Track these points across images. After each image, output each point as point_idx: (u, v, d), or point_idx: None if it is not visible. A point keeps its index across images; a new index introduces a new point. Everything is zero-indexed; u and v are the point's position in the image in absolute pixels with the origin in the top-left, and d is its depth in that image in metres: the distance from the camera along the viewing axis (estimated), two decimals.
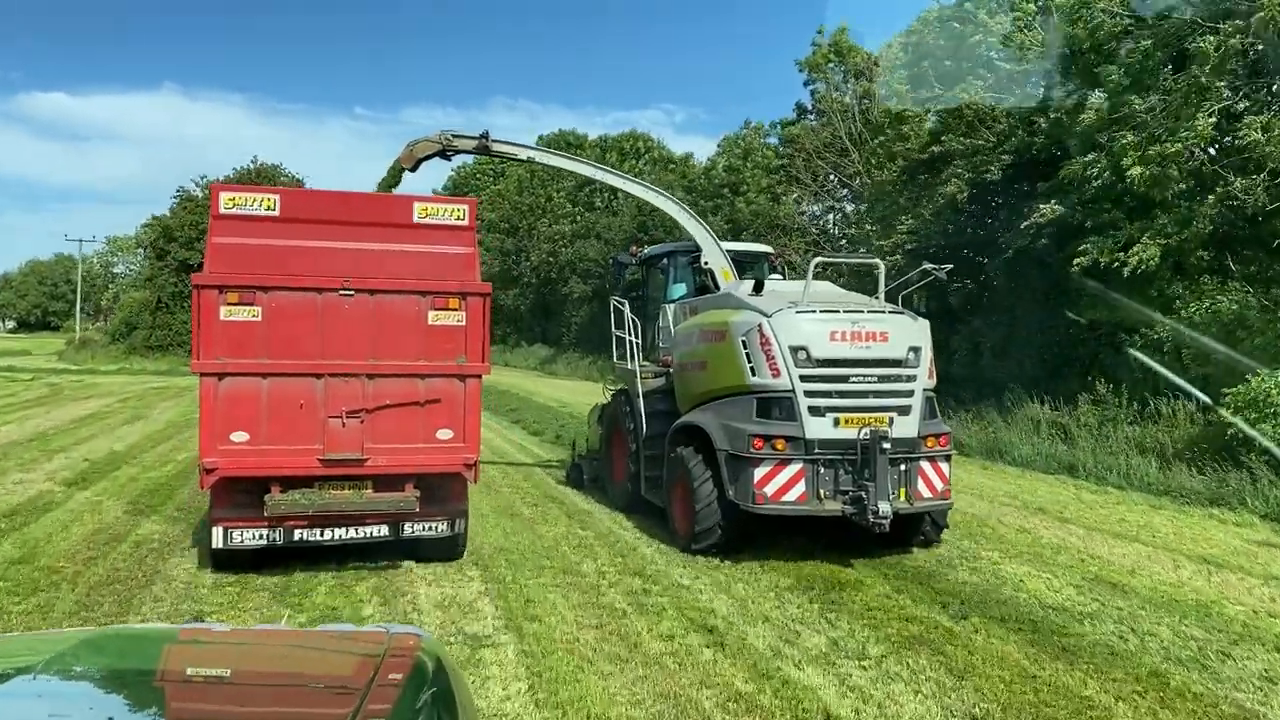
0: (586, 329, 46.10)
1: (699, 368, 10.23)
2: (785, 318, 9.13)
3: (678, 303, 11.75)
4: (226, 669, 2.48)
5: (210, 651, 2.63)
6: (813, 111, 35.15)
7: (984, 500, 12.72)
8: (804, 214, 34.39)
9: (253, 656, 2.60)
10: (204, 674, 2.45)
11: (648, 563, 9.27)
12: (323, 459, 8.24)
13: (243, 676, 2.39)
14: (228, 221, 8.25)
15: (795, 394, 8.99)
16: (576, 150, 58.00)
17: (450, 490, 8.80)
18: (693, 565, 9.17)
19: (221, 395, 8.07)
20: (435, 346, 8.47)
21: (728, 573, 8.92)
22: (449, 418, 8.52)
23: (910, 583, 8.60)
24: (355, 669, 2.34)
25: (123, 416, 22.38)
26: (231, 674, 2.43)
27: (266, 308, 8.13)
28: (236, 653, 2.64)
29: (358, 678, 2.20)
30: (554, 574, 8.77)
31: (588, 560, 9.32)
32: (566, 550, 9.74)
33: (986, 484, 14.10)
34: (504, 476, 14.28)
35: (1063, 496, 13.23)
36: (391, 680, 2.20)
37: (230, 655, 2.60)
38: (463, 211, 8.77)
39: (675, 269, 12.51)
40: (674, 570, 8.99)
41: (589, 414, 14.37)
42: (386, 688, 2.14)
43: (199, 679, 2.40)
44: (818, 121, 34.23)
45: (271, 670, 2.46)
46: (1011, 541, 10.33)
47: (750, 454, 8.93)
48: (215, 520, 8.30)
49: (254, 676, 2.40)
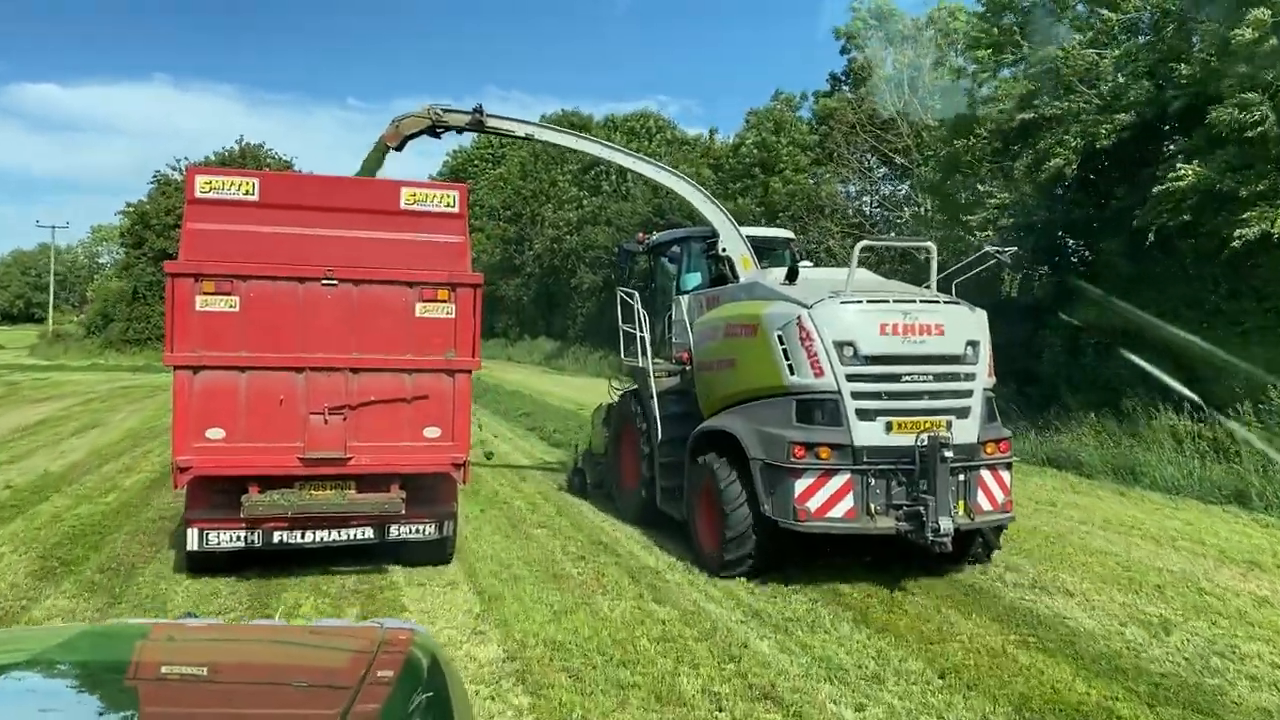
0: (595, 322, 42.99)
1: (725, 366, 9.11)
2: (828, 309, 8.07)
3: (693, 294, 10.73)
4: (218, 665, 2.44)
5: (202, 647, 2.58)
6: (847, 82, 32.93)
7: (1161, 546, 9.73)
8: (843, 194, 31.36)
9: (245, 652, 2.56)
10: (194, 670, 2.40)
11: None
12: (303, 458, 7.83)
13: (234, 672, 2.37)
14: (204, 207, 7.82)
15: (841, 395, 7.93)
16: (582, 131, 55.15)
17: (438, 491, 8.39)
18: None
19: (197, 390, 7.65)
20: (423, 340, 8.06)
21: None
22: (437, 415, 8.10)
23: None
24: (348, 665, 2.30)
25: (77, 424, 19.41)
26: (223, 670, 2.40)
27: (244, 298, 7.71)
28: (228, 648, 2.61)
29: (350, 674, 2.16)
30: None
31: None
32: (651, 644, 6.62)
33: (1141, 519, 10.95)
34: (533, 510, 11.42)
35: (1259, 540, 10.02)
36: (384, 677, 2.15)
37: (222, 651, 2.57)
38: (453, 198, 8.33)
39: (689, 257, 11.29)
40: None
41: (593, 414, 13.25)
42: (379, 684, 2.10)
43: (190, 675, 2.36)
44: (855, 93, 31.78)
45: (263, 666, 2.43)
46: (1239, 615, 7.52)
47: (790, 463, 7.86)
48: (190, 521, 7.89)
49: (246, 672, 2.37)
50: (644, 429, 10.44)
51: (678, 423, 9.95)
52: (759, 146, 33.76)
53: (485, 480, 12.99)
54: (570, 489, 12.71)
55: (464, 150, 69.27)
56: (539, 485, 13.19)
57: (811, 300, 8.20)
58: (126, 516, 10.62)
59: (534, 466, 14.94)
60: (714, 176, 34.07)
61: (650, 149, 45.83)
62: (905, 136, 27.92)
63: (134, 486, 12.44)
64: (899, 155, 28.45)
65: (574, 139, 12.77)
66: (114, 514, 10.74)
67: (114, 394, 26.57)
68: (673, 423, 10.01)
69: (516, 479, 13.63)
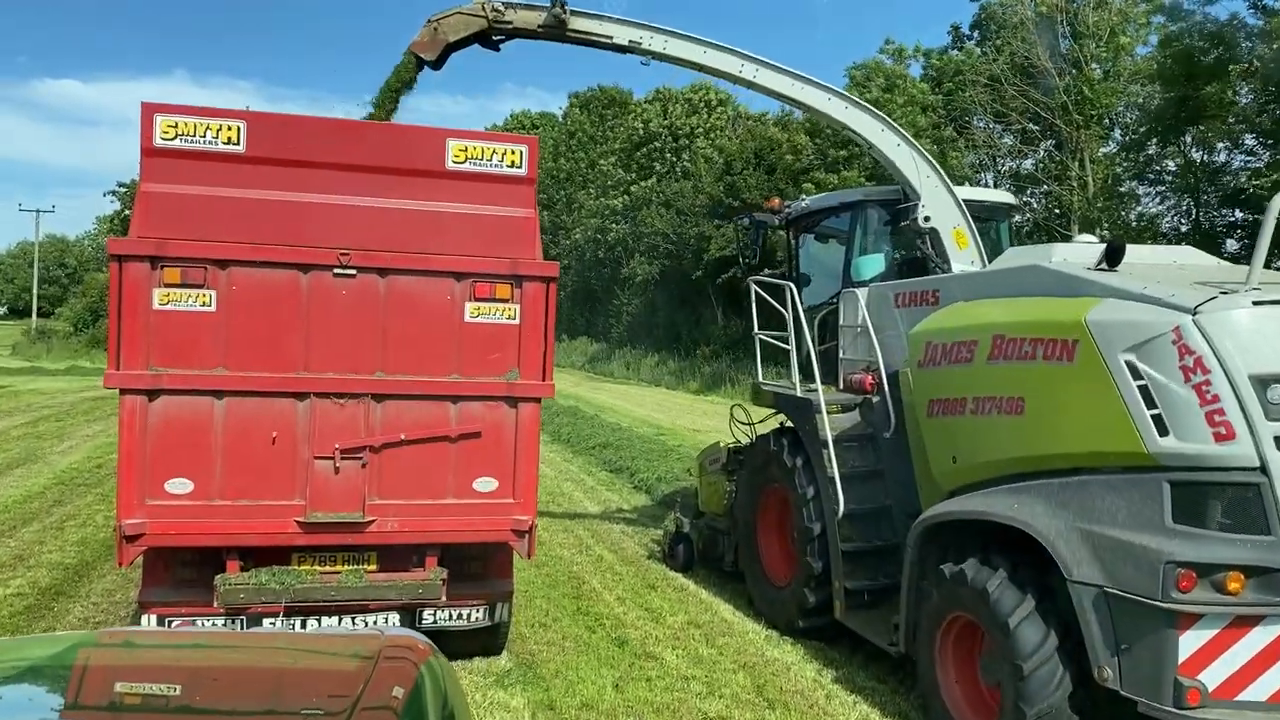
0: (646, 319, 38.83)
1: (999, 410, 5.61)
2: (1234, 317, 4.73)
3: (876, 285, 7.38)
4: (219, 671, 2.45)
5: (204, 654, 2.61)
6: (973, 36, 28.84)
7: None
8: (972, 164, 26.18)
9: (247, 658, 2.58)
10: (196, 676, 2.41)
11: None
12: (304, 521, 5.51)
13: (236, 679, 2.40)
14: (166, 160, 5.47)
15: (1272, 477, 4.58)
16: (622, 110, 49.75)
17: (491, 563, 6.14)
18: None
19: (154, 423, 5.36)
20: (475, 355, 5.73)
21: None
22: (493, 461, 5.77)
23: None
24: (350, 671, 2.30)
25: (11, 454, 14.58)
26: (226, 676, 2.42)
27: (224, 292, 5.44)
28: (229, 655, 2.62)
29: (353, 680, 2.18)
30: None
31: None
32: None
33: None
34: (632, 602, 8.12)
35: None
36: (387, 683, 2.19)
37: (224, 657, 2.59)
38: (520, 154, 5.88)
39: (863, 231, 7.82)
40: None
41: (701, 457, 9.74)
42: (382, 690, 2.14)
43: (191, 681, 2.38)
44: (990, 45, 26.93)
45: (266, 672, 2.46)
46: None
47: (1168, 601, 4.57)
48: (145, 605, 5.60)
49: (248, 677, 2.41)
50: (806, 494, 7.16)
51: (869, 488, 6.93)
52: None
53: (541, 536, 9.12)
54: (669, 560, 9.27)
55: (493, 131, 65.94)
56: (620, 546, 9.97)
57: (1194, 301, 4.80)
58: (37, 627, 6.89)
59: (608, 516, 11.55)
60: (810, 144, 28.93)
61: (710, 121, 41.63)
62: (1061, 92, 22.94)
63: (48, 576, 8.22)
64: (1053, 115, 23.32)
65: (700, 48, 7.92)
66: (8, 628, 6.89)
67: (76, 407, 21.25)
68: (862, 488, 6.89)
69: (586, 535, 10.40)
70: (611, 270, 42.25)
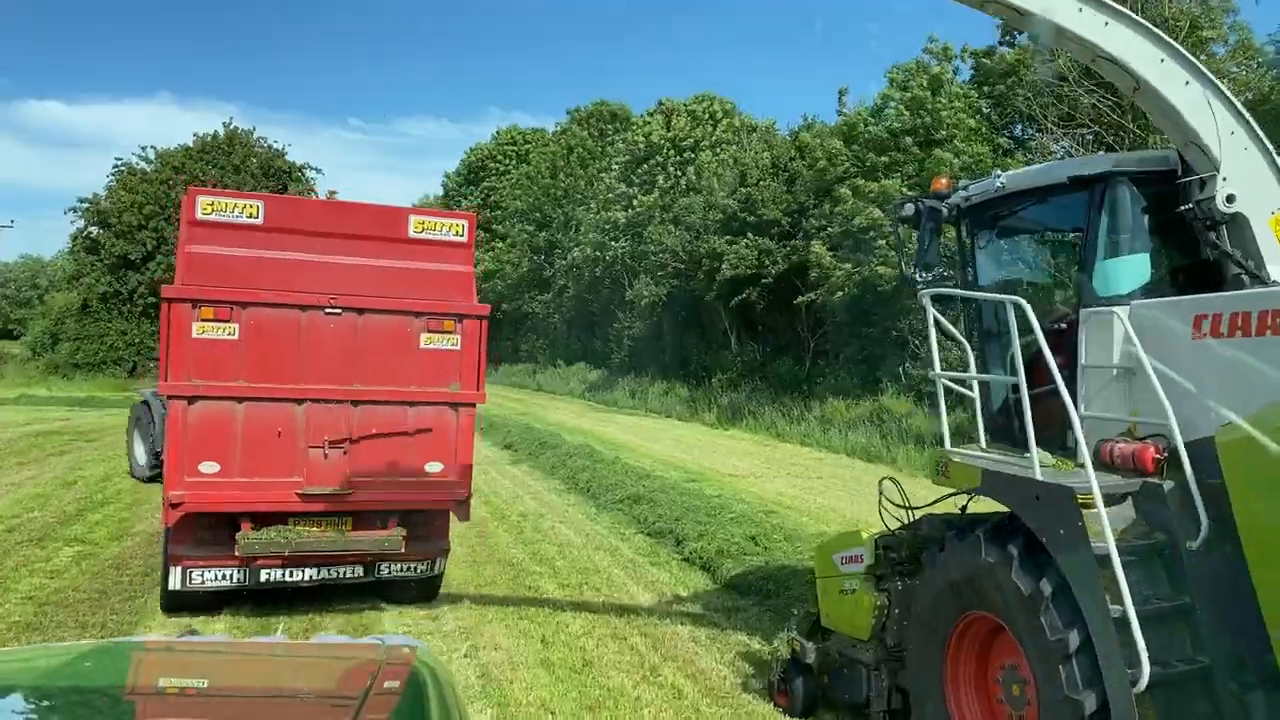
0: (651, 345, 35.17)
1: None
2: None
3: (1141, 303, 4.94)
4: (221, 681, 2.45)
5: (205, 664, 2.59)
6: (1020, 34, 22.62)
7: None
8: None
9: (247, 668, 2.58)
10: (199, 687, 2.41)
11: None
12: (302, 493, 7.55)
13: (238, 689, 2.37)
14: (205, 229, 7.55)
15: None
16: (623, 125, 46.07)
17: (434, 527, 8.15)
18: None
19: (191, 421, 7.38)
20: (427, 372, 7.78)
21: None
22: (440, 450, 7.81)
23: None
24: (350, 681, 2.31)
25: None
26: (227, 686, 2.41)
27: (244, 325, 7.45)
28: (231, 665, 2.63)
29: (353, 690, 2.15)
30: None
31: None
32: None
33: None
34: None
35: None
36: (388, 689, 2.17)
37: (225, 667, 2.60)
38: (461, 227, 8.04)
39: (1117, 217, 5.13)
40: None
41: (821, 548, 6.60)
42: (382, 700, 2.10)
43: (192, 692, 2.37)
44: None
45: (266, 683, 2.43)
46: None
47: None
48: (174, 559, 7.57)
49: (249, 689, 2.37)
50: (1067, 644, 4.40)
51: (1175, 638, 4.40)
52: (912, 108, 23.47)
53: (562, 639, 7.50)
54: (778, 696, 6.36)
55: (482, 147, 60.42)
56: (698, 668, 6.94)
57: None
58: None
59: (666, 612, 8.39)
60: (847, 151, 24.96)
61: (715, 134, 37.28)
62: None
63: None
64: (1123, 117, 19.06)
65: None
66: None
67: (17, 443, 18.17)
68: (1167, 637, 4.36)
69: (644, 646, 7.42)
70: (612, 291, 37.98)
